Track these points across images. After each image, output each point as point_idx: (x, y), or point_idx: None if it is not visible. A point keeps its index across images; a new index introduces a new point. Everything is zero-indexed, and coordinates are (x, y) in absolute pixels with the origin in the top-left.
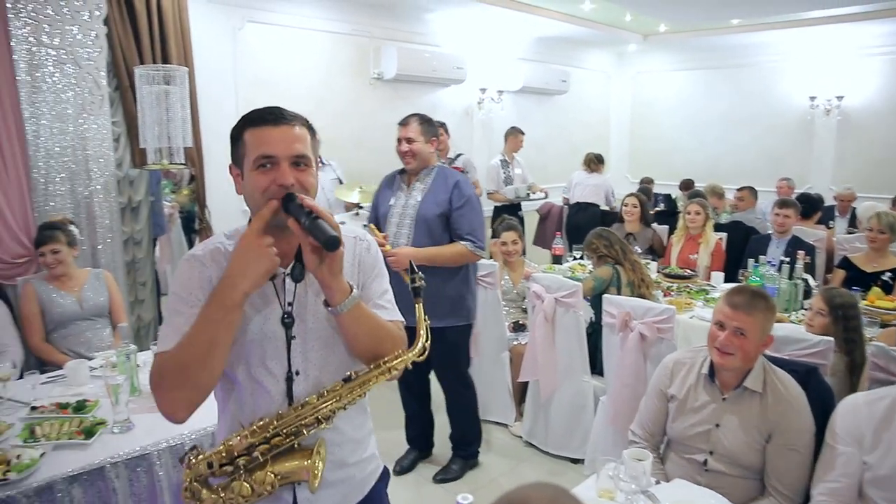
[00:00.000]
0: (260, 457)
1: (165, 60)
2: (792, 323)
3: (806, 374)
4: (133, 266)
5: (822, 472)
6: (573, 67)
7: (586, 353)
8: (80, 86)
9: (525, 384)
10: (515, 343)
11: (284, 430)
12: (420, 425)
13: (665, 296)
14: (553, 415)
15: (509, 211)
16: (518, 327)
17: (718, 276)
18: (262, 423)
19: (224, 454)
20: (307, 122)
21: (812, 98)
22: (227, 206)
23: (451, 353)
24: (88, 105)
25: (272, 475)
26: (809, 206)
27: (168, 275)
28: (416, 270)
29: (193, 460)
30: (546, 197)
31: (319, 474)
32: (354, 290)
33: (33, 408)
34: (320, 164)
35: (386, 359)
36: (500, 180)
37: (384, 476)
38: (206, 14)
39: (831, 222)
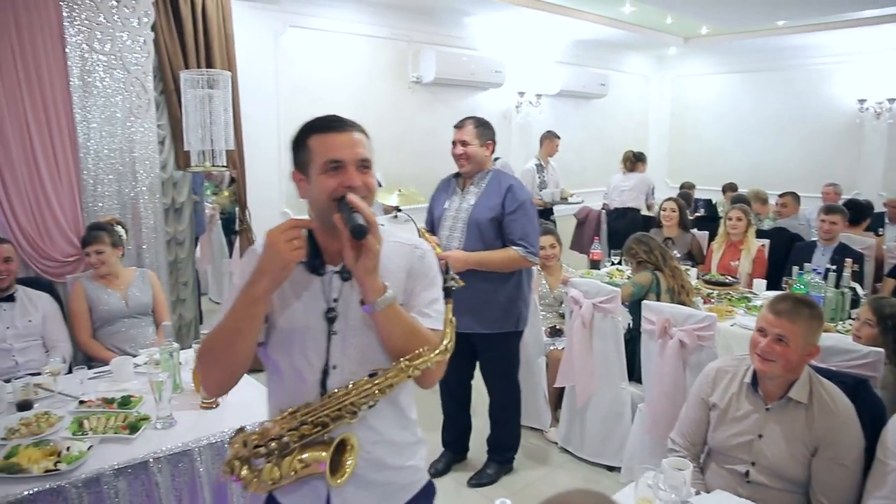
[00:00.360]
0: (291, 443)
1: (209, 65)
2: (839, 333)
3: (855, 387)
4: (175, 266)
5: (872, 488)
6: (612, 71)
7: (624, 359)
8: (128, 90)
9: (561, 390)
10: (552, 348)
11: (311, 420)
12: (457, 429)
13: (705, 303)
14: (589, 421)
15: (542, 215)
16: (555, 332)
17: (760, 283)
18: (292, 410)
19: (259, 437)
20: (363, 128)
21: (861, 101)
22: (267, 208)
23: (500, 359)
24: (136, 109)
25: (298, 463)
26: (858, 213)
27: (208, 275)
28: (449, 270)
29: (235, 436)
30: (582, 202)
31: (349, 471)
32: (388, 291)
33: (81, 402)
34: None
35: (408, 357)
36: (536, 184)
37: (428, 491)
38: (249, 19)
39: (881, 229)
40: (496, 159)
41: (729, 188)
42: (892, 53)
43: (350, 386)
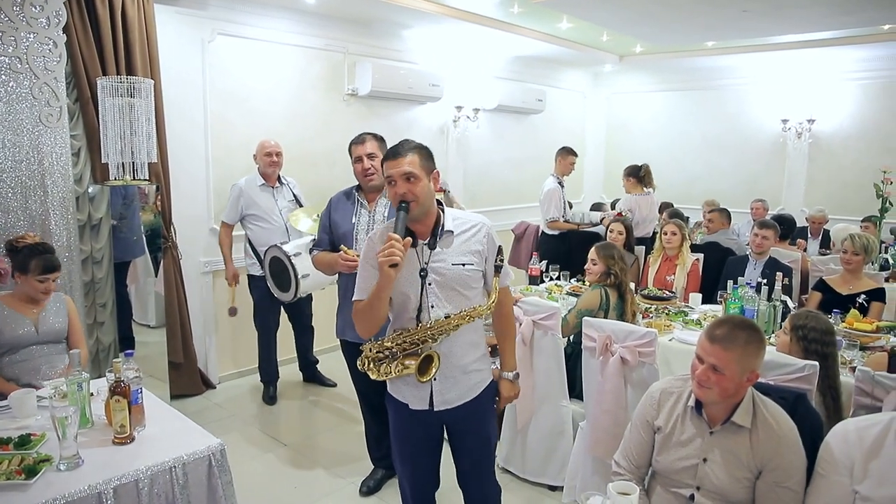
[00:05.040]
0: (398, 352)
1: (130, 72)
2: (771, 345)
3: (795, 401)
4: (92, 287)
5: (812, 502)
6: (549, 87)
7: (565, 377)
8: (36, 97)
9: (502, 409)
10: (493, 367)
11: (409, 340)
12: (385, 444)
13: (644, 318)
14: (530, 441)
15: (561, 238)
16: (496, 351)
17: (696, 297)
18: (398, 332)
19: (379, 346)
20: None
21: (784, 121)
22: (194, 224)
23: None
24: (45, 117)
25: (401, 365)
26: (787, 228)
27: (132, 294)
28: (500, 252)
29: (369, 345)
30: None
31: (432, 373)
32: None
33: None
34: (277, 184)
35: (474, 307)
36: (562, 205)
37: (490, 387)
38: (175, 25)
39: (804, 243)
40: None
41: (661, 209)
42: (810, 76)
43: (433, 322)
